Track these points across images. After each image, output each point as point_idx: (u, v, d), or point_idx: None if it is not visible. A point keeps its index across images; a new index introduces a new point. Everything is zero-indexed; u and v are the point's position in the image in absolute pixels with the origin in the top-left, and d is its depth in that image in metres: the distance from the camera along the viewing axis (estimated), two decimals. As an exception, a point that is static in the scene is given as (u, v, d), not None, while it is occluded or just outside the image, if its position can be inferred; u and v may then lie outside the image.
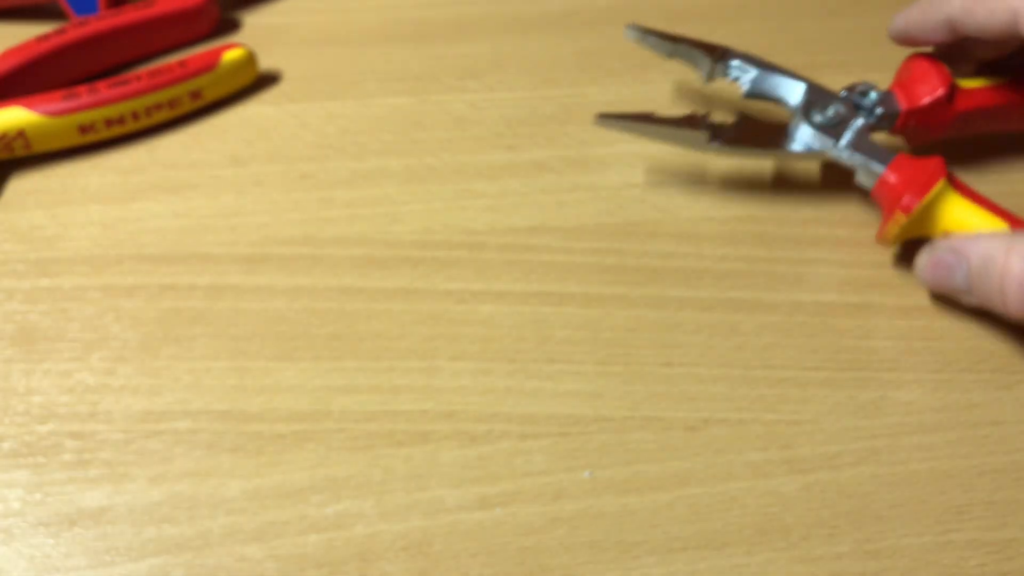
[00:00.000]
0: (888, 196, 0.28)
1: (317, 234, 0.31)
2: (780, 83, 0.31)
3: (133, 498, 0.25)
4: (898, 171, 0.28)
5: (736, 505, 0.25)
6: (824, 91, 0.30)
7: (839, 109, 0.30)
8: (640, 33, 0.32)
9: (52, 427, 0.26)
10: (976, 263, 0.26)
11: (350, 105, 0.36)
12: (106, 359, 0.28)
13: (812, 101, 0.30)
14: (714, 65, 0.31)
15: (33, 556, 0.24)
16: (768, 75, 0.31)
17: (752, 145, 0.30)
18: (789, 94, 0.31)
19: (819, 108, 0.30)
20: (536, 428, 0.26)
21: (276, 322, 0.29)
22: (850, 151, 0.29)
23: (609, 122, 0.30)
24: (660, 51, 0.32)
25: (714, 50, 0.31)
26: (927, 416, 0.27)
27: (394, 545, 0.24)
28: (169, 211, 0.32)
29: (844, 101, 0.30)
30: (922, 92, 0.30)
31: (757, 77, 0.31)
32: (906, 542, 0.24)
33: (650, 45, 0.32)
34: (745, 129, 0.30)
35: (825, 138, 0.29)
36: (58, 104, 0.32)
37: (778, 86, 0.31)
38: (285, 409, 0.27)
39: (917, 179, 0.27)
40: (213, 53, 0.34)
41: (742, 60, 0.31)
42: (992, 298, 0.26)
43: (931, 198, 0.27)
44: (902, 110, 0.30)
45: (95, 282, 0.30)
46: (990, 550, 0.24)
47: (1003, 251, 0.25)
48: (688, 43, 0.32)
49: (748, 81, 0.31)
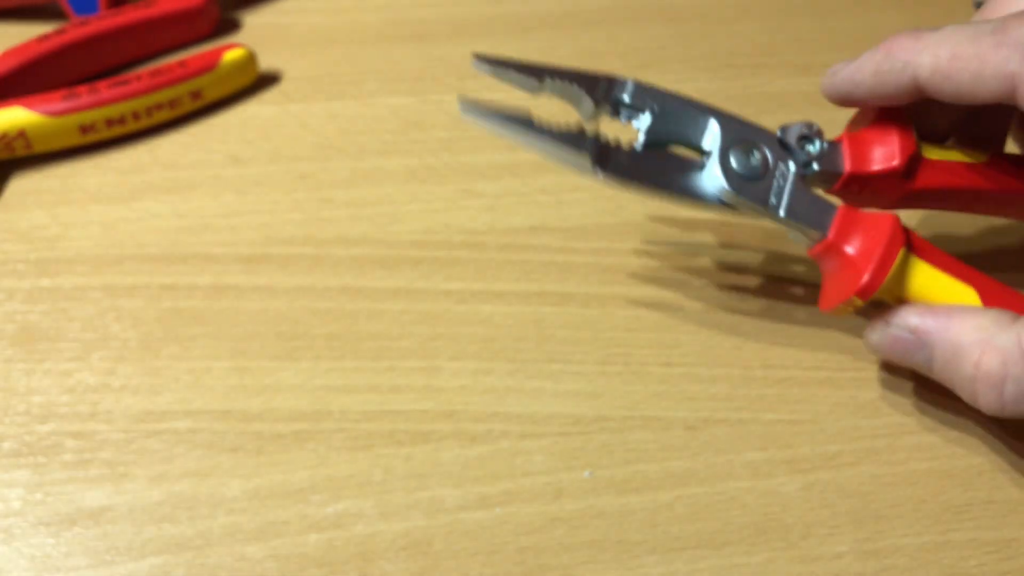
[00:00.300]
0: (836, 267, 0.24)
1: (317, 234, 0.31)
2: (689, 120, 0.24)
3: (134, 498, 0.25)
4: (845, 236, 0.23)
5: (736, 504, 0.25)
6: (747, 128, 0.24)
7: (766, 154, 0.24)
8: (491, 66, 0.24)
9: (53, 427, 0.26)
10: (944, 353, 0.23)
11: (350, 105, 0.36)
12: (106, 359, 0.28)
13: (733, 141, 0.24)
14: (596, 104, 0.24)
15: (34, 556, 0.24)
16: (672, 111, 0.24)
17: (651, 183, 0.23)
18: (702, 133, 0.24)
19: (741, 151, 0.24)
20: (536, 428, 0.26)
21: (276, 322, 0.29)
22: (779, 210, 0.23)
23: (472, 112, 0.23)
24: (524, 87, 0.24)
25: (595, 84, 0.24)
26: (927, 416, 0.27)
27: (394, 544, 0.24)
28: (170, 211, 0.32)
29: (772, 144, 0.24)
30: (874, 157, 0.24)
31: (658, 115, 0.24)
32: (906, 541, 0.24)
33: (509, 79, 0.24)
34: (648, 159, 0.24)
35: (747, 189, 0.23)
36: (59, 104, 0.32)
37: (686, 125, 0.24)
38: (285, 409, 0.27)
39: (871, 250, 0.22)
40: (213, 53, 0.34)
41: (635, 94, 0.24)
42: (961, 389, 0.23)
43: (892, 274, 0.22)
44: (845, 172, 0.24)
45: (96, 282, 0.30)
46: (989, 549, 0.24)
47: (977, 347, 0.22)
48: (559, 75, 0.24)
49: (645, 122, 0.24)
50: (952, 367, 0.22)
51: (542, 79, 0.24)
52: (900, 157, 0.23)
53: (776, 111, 0.35)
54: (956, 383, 0.23)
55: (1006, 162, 0.25)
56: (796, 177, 0.24)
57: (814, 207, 0.23)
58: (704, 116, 0.24)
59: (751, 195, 0.23)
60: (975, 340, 0.22)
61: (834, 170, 0.24)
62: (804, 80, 0.37)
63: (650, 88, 0.24)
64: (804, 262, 0.30)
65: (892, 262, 0.22)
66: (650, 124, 0.24)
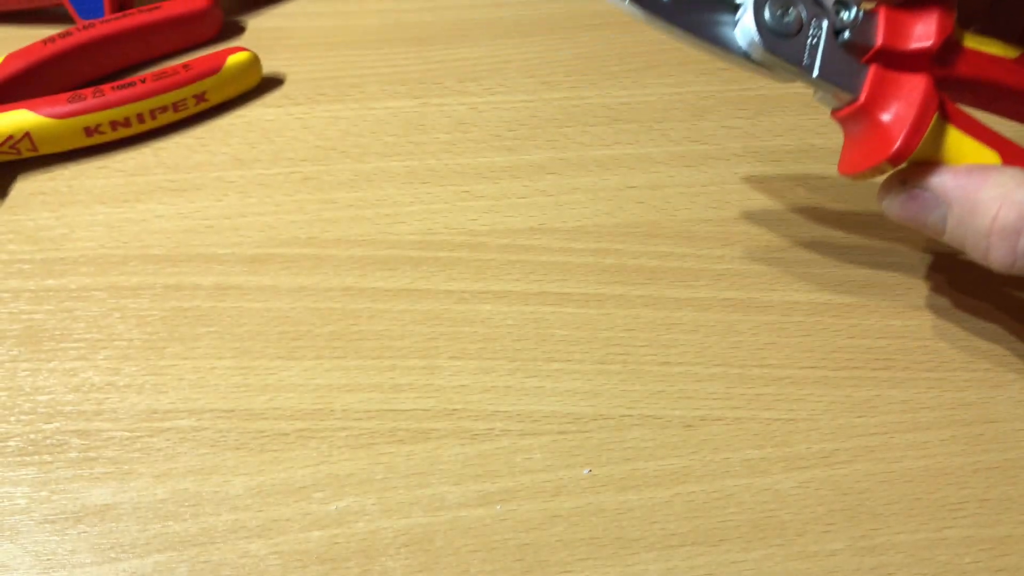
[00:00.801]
0: (864, 130, 0.23)
1: (320, 235, 0.31)
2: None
3: (138, 495, 0.25)
4: (878, 99, 0.22)
5: (733, 502, 0.25)
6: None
7: (801, 12, 0.22)
8: None
9: (58, 425, 0.27)
10: (962, 208, 0.22)
11: (352, 108, 0.36)
12: (111, 358, 0.28)
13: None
14: None
15: (39, 553, 0.24)
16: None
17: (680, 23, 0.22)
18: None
19: (778, 4, 0.22)
20: (536, 426, 0.27)
21: (279, 322, 0.29)
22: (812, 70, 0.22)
23: None
24: None
25: None
26: (921, 414, 0.27)
27: (395, 541, 0.24)
28: (174, 212, 0.32)
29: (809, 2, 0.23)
30: (909, 33, 0.23)
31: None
32: (901, 539, 0.24)
33: None
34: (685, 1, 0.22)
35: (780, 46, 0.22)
36: (64, 106, 0.32)
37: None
38: (288, 407, 0.27)
39: (905, 114, 0.22)
40: (218, 56, 0.35)
41: None
42: (974, 246, 0.22)
43: (926, 139, 0.22)
44: (876, 45, 0.23)
45: (100, 282, 0.30)
46: (984, 547, 0.24)
47: (996, 201, 0.22)
48: None
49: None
50: (967, 222, 0.22)
51: None
52: (936, 37, 0.22)
53: (773, 113, 0.36)
54: (969, 240, 0.22)
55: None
56: (830, 36, 0.22)
57: (847, 68, 0.22)
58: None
59: (784, 52, 0.22)
60: (994, 195, 0.22)
61: (865, 42, 0.23)
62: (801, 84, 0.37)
63: None
64: (799, 262, 0.31)
65: (926, 127, 0.22)
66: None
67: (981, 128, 0.23)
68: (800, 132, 0.35)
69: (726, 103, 0.36)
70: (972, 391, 0.28)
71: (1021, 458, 0.26)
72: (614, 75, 0.37)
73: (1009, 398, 0.27)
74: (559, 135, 0.35)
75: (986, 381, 0.28)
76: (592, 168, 0.34)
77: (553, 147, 0.34)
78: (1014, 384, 0.28)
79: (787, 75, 0.23)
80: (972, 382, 0.28)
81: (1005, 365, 0.28)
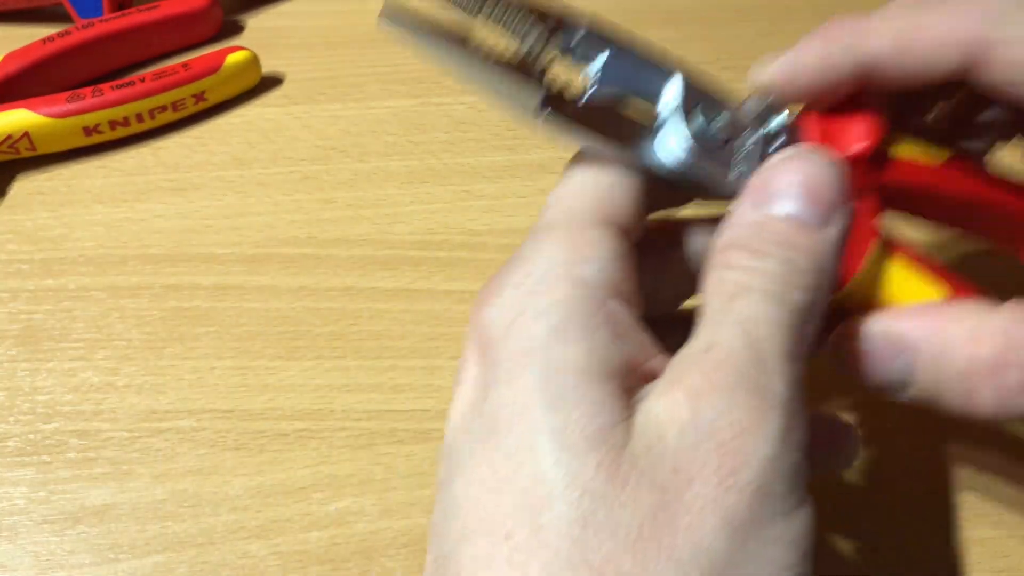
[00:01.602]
0: None
1: (319, 234, 0.31)
2: (648, 74, 0.20)
3: (137, 496, 0.25)
4: None
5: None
6: (711, 90, 0.21)
7: (727, 124, 0.20)
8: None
9: (57, 426, 0.26)
10: (931, 350, 0.19)
11: (352, 107, 0.36)
12: (110, 358, 0.28)
13: (694, 104, 0.20)
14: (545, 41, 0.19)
15: (38, 553, 0.24)
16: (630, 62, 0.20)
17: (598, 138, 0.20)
18: (662, 91, 0.20)
19: (702, 117, 0.20)
20: (536, 426, 0.27)
21: (279, 322, 0.29)
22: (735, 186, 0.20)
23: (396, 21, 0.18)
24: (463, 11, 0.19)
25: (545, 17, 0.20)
26: (923, 415, 0.27)
27: (395, 542, 0.24)
28: (173, 212, 0.32)
29: (735, 113, 0.21)
30: (838, 138, 0.20)
31: (614, 64, 0.20)
32: (904, 539, 0.24)
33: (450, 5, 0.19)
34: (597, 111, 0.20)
35: (704, 159, 0.20)
36: (63, 106, 0.32)
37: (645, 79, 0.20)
38: (288, 408, 0.27)
39: None
40: (217, 56, 0.35)
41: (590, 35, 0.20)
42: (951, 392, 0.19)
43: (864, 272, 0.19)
44: None
45: (100, 282, 0.30)
46: (985, 547, 0.24)
47: (969, 335, 0.19)
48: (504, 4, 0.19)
49: (598, 69, 0.20)
50: (939, 366, 0.19)
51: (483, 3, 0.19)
52: (867, 140, 0.20)
53: (774, 113, 0.36)
54: (944, 386, 0.19)
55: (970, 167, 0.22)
56: (758, 146, 0.20)
57: None
58: (666, 71, 0.20)
59: (708, 166, 0.20)
60: (966, 328, 0.19)
61: None
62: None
63: (607, 29, 0.20)
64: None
65: (864, 255, 0.19)
66: (604, 72, 0.20)
67: (935, 266, 0.20)
68: (801, 132, 0.35)
69: (727, 103, 0.36)
70: (973, 391, 0.27)
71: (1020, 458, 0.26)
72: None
73: (1011, 398, 0.27)
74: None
75: (987, 381, 0.28)
76: (592, 168, 0.33)
77: (553, 146, 0.34)
78: (1016, 384, 0.28)
79: (713, 187, 0.20)
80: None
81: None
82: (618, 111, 0.20)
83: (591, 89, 0.20)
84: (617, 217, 0.19)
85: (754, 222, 0.18)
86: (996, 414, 0.19)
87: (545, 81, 0.19)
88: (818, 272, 0.17)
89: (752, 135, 0.20)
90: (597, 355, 0.16)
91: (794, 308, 0.17)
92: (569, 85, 0.20)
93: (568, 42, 0.20)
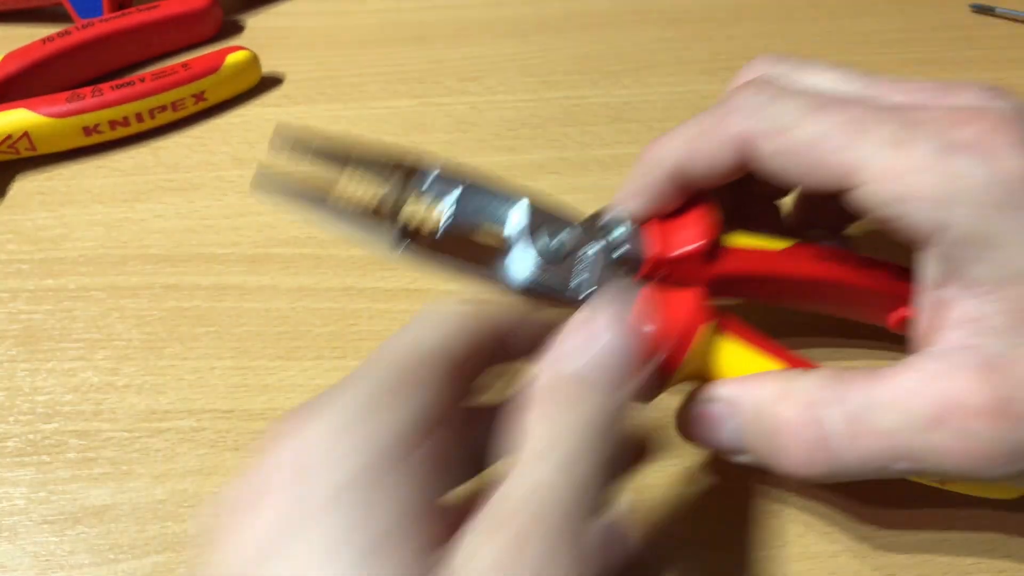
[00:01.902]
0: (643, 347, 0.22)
1: (319, 234, 0.31)
2: (494, 203, 0.23)
3: (137, 496, 0.25)
4: (648, 316, 0.22)
5: (733, 502, 0.25)
6: (553, 211, 0.23)
7: (570, 239, 0.23)
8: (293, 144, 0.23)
9: (56, 426, 0.26)
10: (748, 415, 0.21)
11: (352, 107, 0.36)
12: (110, 358, 0.28)
13: (537, 226, 0.23)
14: (402, 185, 0.23)
15: (37, 554, 0.24)
16: (478, 194, 0.23)
17: (453, 265, 0.23)
18: (507, 217, 0.23)
19: (545, 236, 0.23)
20: (536, 427, 0.27)
21: (279, 322, 0.29)
22: (580, 294, 0.22)
23: (267, 190, 0.22)
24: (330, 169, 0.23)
25: (400, 164, 0.23)
26: (923, 415, 0.27)
27: (395, 542, 0.24)
28: (173, 212, 0.32)
29: (577, 228, 0.23)
30: (676, 240, 0.23)
31: (464, 198, 0.23)
32: (903, 540, 0.24)
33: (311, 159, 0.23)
34: (451, 241, 0.23)
35: (548, 273, 0.22)
36: (62, 106, 0.32)
37: (492, 208, 0.23)
38: (288, 408, 0.27)
39: (674, 326, 0.21)
40: (217, 55, 0.35)
41: (441, 175, 0.23)
42: (766, 450, 0.20)
43: (695, 351, 0.21)
44: (649, 256, 0.23)
45: (99, 282, 0.30)
46: (986, 548, 0.24)
47: (773, 399, 0.20)
48: (364, 154, 0.23)
49: (450, 204, 0.23)
50: (756, 427, 0.21)
51: (348, 161, 0.23)
52: (701, 240, 0.23)
53: (775, 113, 0.36)
54: (763, 446, 0.20)
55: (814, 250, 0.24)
56: (600, 261, 0.23)
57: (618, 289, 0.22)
58: (510, 199, 0.23)
59: (552, 279, 0.23)
60: (775, 390, 0.20)
61: (639, 255, 0.23)
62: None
63: (457, 170, 0.23)
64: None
65: (692, 338, 0.21)
66: (455, 206, 0.23)
67: (769, 343, 0.22)
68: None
69: (727, 103, 0.36)
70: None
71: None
72: (615, 74, 0.37)
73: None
74: (560, 134, 0.35)
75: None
76: (593, 168, 0.33)
77: (553, 147, 0.34)
78: (1016, 385, 0.28)
79: (558, 297, 0.23)
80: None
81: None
82: (472, 238, 0.23)
83: (446, 222, 0.23)
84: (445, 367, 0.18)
85: (547, 383, 0.18)
86: (805, 472, 0.20)
87: (401, 220, 0.22)
88: (603, 433, 0.17)
89: (596, 245, 0.23)
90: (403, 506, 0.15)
91: (580, 472, 0.16)
92: (426, 221, 0.23)
93: (423, 184, 0.23)
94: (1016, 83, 0.37)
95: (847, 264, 0.24)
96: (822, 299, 0.25)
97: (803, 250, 0.24)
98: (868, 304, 0.25)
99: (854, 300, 0.25)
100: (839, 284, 0.24)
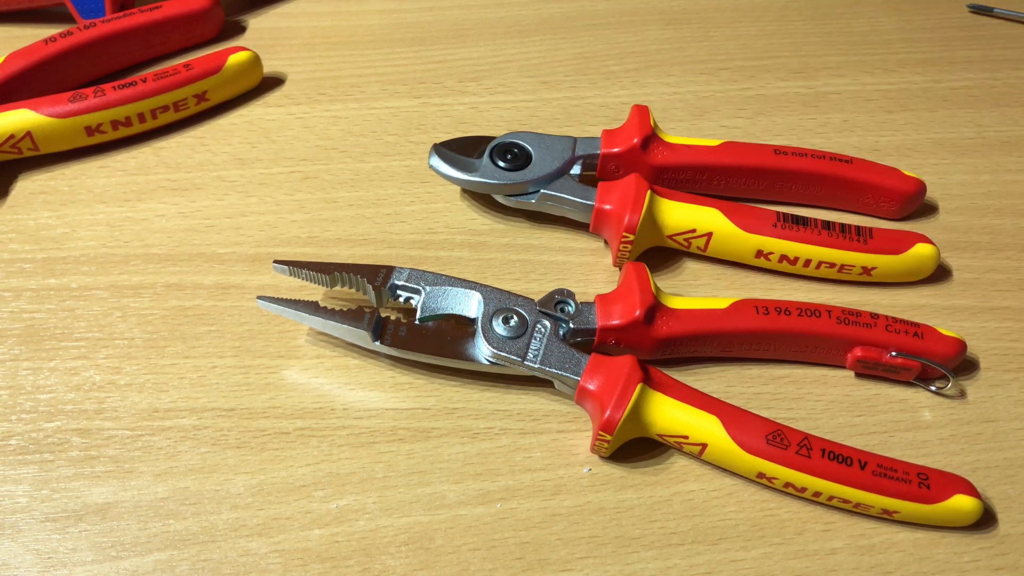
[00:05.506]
0: (592, 410, 0.26)
1: (321, 234, 0.31)
2: (456, 296, 0.27)
3: (139, 494, 0.25)
4: (593, 379, 0.25)
5: (732, 501, 0.25)
6: (508, 298, 0.27)
7: (524, 317, 0.27)
8: (290, 267, 0.28)
9: (59, 424, 0.27)
10: None
11: (353, 107, 0.36)
12: (113, 357, 0.28)
13: (494, 311, 0.27)
14: (379, 290, 0.27)
15: (40, 551, 0.24)
16: (442, 290, 0.27)
17: (427, 351, 0.27)
18: (469, 306, 0.27)
19: (502, 318, 0.27)
20: (536, 424, 0.27)
21: (280, 321, 0.29)
22: (539, 362, 0.26)
23: (269, 305, 0.27)
24: (319, 283, 0.28)
25: (376, 273, 0.28)
26: (919, 413, 0.27)
27: (396, 540, 0.24)
28: (175, 211, 0.32)
29: (531, 309, 0.27)
30: (618, 312, 0.26)
31: (430, 295, 0.27)
32: (900, 537, 0.25)
33: (304, 278, 0.28)
34: (424, 331, 0.27)
35: (507, 347, 0.26)
36: (65, 106, 0.32)
37: (455, 300, 0.27)
38: (289, 406, 0.27)
39: (612, 388, 0.25)
40: (218, 56, 0.35)
41: (409, 279, 0.27)
42: None
43: (632, 407, 0.24)
44: (597, 327, 0.26)
45: (102, 281, 0.30)
46: (983, 546, 0.24)
47: None
48: (346, 269, 0.28)
49: (420, 301, 0.27)
50: None
51: (332, 274, 0.28)
52: (639, 308, 0.26)
53: (773, 113, 0.36)
54: None
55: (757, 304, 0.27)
56: (552, 334, 0.26)
57: (569, 358, 0.26)
58: (470, 291, 0.27)
59: (510, 352, 0.26)
60: None
61: (588, 327, 0.27)
62: (800, 83, 0.37)
63: (423, 273, 0.28)
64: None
65: (630, 397, 0.24)
66: (424, 302, 0.27)
67: (699, 396, 0.25)
68: (799, 131, 0.35)
69: (726, 103, 0.36)
70: (971, 391, 0.28)
71: (1020, 457, 0.26)
72: (614, 75, 0.37)
73: (1008, 398, 0.27)
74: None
75: (985, 381, 0.28)
76: (592, 168, 0.34)
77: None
78: (1012, 384, 0.28)
79: (520, 368, 0.26)
80: (971, 382, 0.28)
81: (1003, 365, 0.28)
82: (442, 328, 0.27)
83: (418, 314, 0.27)
84: None
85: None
86: None
87: (377, 318, 0.27)
88: None
89: (548, 318, 0.27)
90: None
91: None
92: (401, 317, 0.27)
93: (396, 286, 0.27)
94: (1014, 83, 0.38)
95: (791, 316, 0.27)
96: (775, 349, 0.28)
97: (746, 305, 0.27)
98: (819, 349, 0.27)
99: (805, 347, 0.27)
100: (785, 335, 0.27)
